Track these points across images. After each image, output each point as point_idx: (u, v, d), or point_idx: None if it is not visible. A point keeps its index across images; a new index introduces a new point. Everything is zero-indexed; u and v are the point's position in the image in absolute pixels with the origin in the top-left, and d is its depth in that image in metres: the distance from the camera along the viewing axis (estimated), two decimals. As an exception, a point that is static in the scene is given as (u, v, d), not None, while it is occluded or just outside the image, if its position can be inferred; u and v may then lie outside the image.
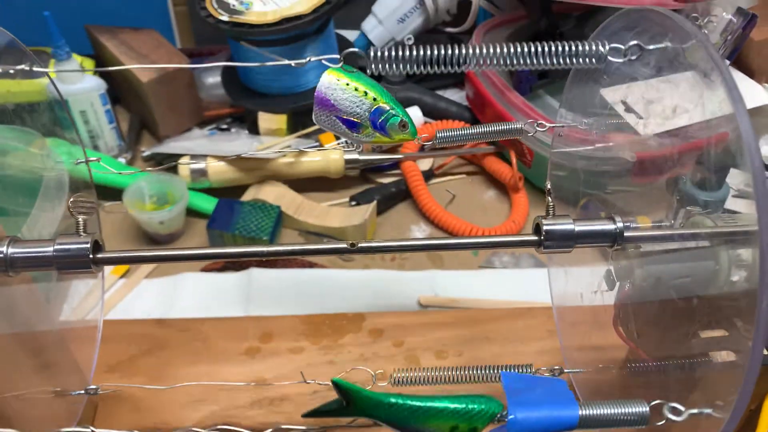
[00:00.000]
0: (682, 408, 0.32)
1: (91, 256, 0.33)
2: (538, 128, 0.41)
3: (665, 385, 0.40)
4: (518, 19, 0.83)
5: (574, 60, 0.37)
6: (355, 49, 0.36)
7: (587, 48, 0.37)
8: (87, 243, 0.33)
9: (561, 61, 0.37)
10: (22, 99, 0.76)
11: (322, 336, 0.58)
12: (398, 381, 0.41)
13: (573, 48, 0.37)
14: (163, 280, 0.64)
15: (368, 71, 0.35)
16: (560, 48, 0.37)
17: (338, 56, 0.35)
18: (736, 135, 0.30)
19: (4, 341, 0.38)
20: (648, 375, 0.41)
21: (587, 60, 0.36)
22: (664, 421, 0.33)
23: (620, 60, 0.37)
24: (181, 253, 0.33)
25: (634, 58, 0.38)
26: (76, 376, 0.47)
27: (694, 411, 0.32)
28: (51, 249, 0.33)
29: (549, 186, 0.40)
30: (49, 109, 0.61)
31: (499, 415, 0.31)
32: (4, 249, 0.33)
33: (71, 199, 0.35)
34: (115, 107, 0.77)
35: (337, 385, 0.29)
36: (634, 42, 0.38)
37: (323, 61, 0.34)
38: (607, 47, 0.37)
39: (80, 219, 0.34)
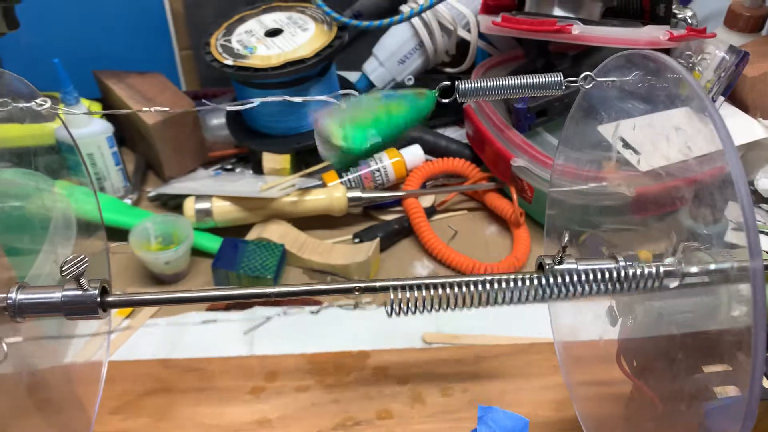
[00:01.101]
0: None
1: (99, 300, 0.33)
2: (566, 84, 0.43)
3: (671, 420, 0.40)
4: (515, 58, 0.85)
5: (537, 91, 0.42)
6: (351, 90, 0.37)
7: (547, 79, 0.41)
8: (95, 290, 0.34)
9: (528, 90, 0.42)
10: (31, 143, 0.78)
11: (326, 374, 0.58)
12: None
13: (537, 80, 0.41)
14: (168, 319, 0.64)
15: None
16: (527, 80, 0.41)
17: (347, 92, 0.37)
18: (728, 169, 0.31)
19: (10, 381, 0.38)
20: (653, 410, 0.41)
21: (547, 90, 0.42)
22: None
23: (575, 86, 0.43)
24: (188, 296, 0.34)
25: (588, 86, 0.43)
26: (80, 416, 0.47)
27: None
28: (59, 295, 0.34)
29: (566, 236, 0.41)
30: (56, 152, 0.62)
31: None
32: (13, 295, 0.34)
33: (62, 266, 0.34)
34: (121, 149, 0.78)
35: None
36: (586, 73, 0.43)
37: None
38: (562, 78, 0.42)
39: (82, 280, 0.34)
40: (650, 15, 0.72)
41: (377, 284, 0.33)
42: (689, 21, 0.81)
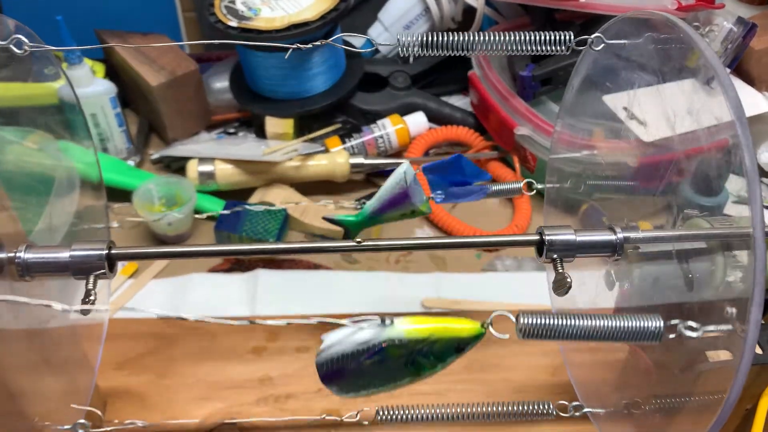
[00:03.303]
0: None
1: (106, 254, 0.34)
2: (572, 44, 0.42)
3: (665, 385, 0.40)
4: (522, 26, 0.84)
5: (544, 47, 0.40)
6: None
7: (556, 36, 0.40)
8: (103, 250, 0.34)
9: (533, 47, 0.40)
10: (33, 102, 0.77)
11: (326, 336, 0.58)
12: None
13: (544, 36, 0.40)
14: (171, 280, 0.65)
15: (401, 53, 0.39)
16: (534, 36, 0.40)
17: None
18: (735, 140, 0.31)
19: (19, 337, 0.39)
20: (647, 374, 0.42)
21: (554, 47, 0.40)
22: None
23: (581, 48, 0.41)
24: (193, 249, 0.34)
25: (598, 48, 0.42)
26: (85, 371, 0.48)
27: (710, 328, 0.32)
28: (67, 255, 0.34)
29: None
30: (59, 111, 0.62)
31: None
32: (21, 254, 0.34)
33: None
34: (124, 110, 0.78)
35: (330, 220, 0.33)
36: (596, 34, 0.42)
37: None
38: (572, 36, 0.41)
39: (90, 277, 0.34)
40: (659, -16, 0.72)
41: (379, 243, 0.34)
42: (698, -9, 0.79)
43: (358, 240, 0.33)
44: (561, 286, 0.37)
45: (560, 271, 0.37)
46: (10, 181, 0.45)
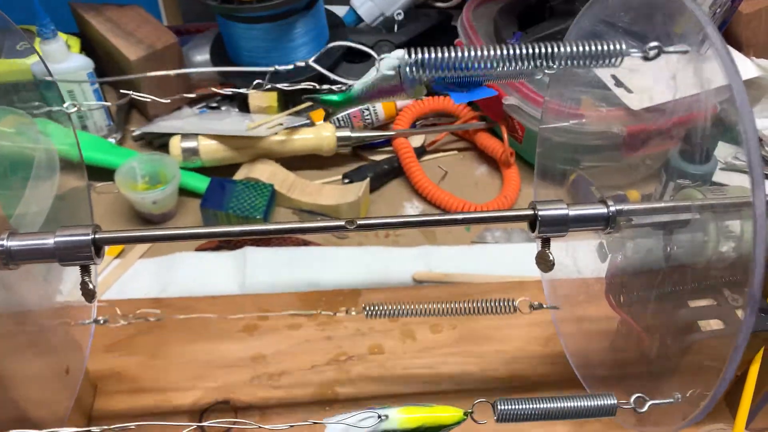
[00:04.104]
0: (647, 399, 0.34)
1: (93, 238, 0.33)
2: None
3: (657, 353, 0.41)
4: (508, -7, 0.83)
5: (594, 61, 0.33)
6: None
7: (605, 47, 0.33)
8: (88, 235, 0.33)
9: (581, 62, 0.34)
10: (7, 78, 0.75)
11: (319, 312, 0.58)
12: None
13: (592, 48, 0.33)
14: (158, 259, 0.64)
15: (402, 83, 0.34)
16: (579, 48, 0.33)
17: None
18: (727, 106, 0.30)
19: (4, 320, 0.38)
20: (640, 343, 0.42)
21: (605, 61, 0.34)
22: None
23: (639, 54, 0.34)
24: (183, 232, 0.34)
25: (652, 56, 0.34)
26: (75, 354, 0.47)
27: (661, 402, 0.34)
28: (51, 242, 0.33)
29: None
30: (34, 88, 0.60)
31: None
32: (4, 242, 0.33)
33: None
34: (102, 87, 0.76)
35: None
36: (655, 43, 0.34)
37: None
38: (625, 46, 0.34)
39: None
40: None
41: (371, 221, 0.33)
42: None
43: (350, 221, 0.32)
44: (543, 262, 0.38)
45: (544, 249, 0.37)
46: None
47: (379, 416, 0.30)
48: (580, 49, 0.33)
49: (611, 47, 0.33)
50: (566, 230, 0.39)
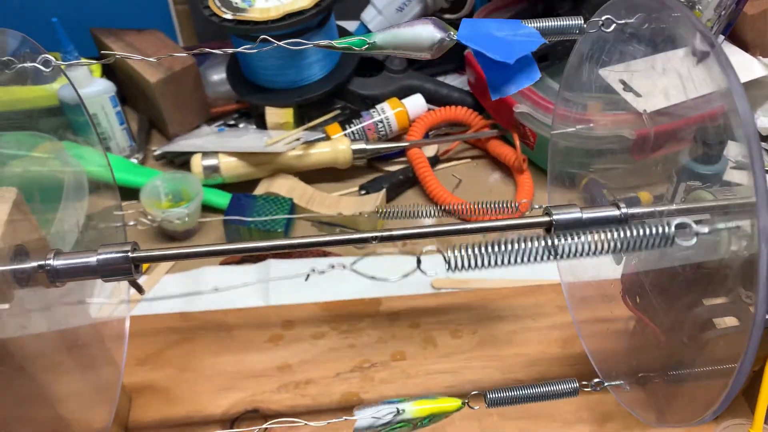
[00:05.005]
0: None
1: (131, 257, 0.35)
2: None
3: (673, 351, 0.42)
4: (515, 3, 0.85)
5: (556, 35, 0.39)
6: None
7: (566, 23, 0.39)
8: (127, 252, 0.35)
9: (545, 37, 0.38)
10: (34, 105, 0.77)
11: (341, 321, 0.60)
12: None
13: (554, 24, 0.38)
14: (185, 274, 0.66)
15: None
16: (544, 24, 0.38)
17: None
18: (730, 108, 0.32)
19: (50, 338, 0.40)
20: (656, 342, 0.44)
21: (566, 33, 0.39)
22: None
23: (593, 30, 0.40)
24: (215, 249, 0.35)
25: (608, 30, 0.40)
26: (111, 369, 0.49)
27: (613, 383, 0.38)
28: (94, 260, 0.35)
29: None
30: (60, 113, 0.62)
31: None
32: (51, 261, 0.35)
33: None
34: (123, 108, 0.78)
35: None
36: (607, 16, 0.40)
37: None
38: (583, 22, 0.39)
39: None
40: (651, -46, 0.72)
41: (395, 233, 0.35)
42: (690, -42, 0.80)
43: (376, 236, 0.34)
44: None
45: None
46: (22, 190, 0.46)
47: (398, 410, 0.38)
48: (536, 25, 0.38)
49: (569, 23, 0.38)
50: (581, 234, 0.40)
